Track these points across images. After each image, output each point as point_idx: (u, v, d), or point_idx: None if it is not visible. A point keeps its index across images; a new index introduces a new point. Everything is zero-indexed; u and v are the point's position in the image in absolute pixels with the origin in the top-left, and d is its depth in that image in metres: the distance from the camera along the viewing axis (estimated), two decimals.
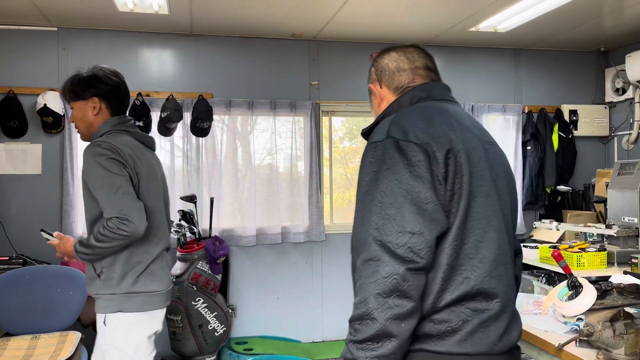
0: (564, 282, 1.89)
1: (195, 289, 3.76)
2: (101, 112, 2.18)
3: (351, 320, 1.15)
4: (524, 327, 2.20)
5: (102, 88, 2.18)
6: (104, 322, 2.10)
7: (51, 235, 2.22)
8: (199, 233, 4.08)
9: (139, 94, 4.20)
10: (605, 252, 2.69)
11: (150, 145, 2.32)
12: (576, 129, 5.03)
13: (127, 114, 2.31)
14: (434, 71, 1.49)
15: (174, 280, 3.73)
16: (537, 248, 2.89)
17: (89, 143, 2.14)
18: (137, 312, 2.10)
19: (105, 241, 2.01)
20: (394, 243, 1.11)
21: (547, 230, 3.77)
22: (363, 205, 1.19)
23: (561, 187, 4.71)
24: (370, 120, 1.50)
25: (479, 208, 1.20)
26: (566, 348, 1.92)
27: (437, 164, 1.16)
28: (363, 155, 1.25)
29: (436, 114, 1.26)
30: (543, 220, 3.53)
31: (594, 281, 1.86)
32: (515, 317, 1.27)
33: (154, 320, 2.19)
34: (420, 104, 1.33)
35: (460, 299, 1.16)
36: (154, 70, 4.37)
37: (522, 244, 3.05)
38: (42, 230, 2.28)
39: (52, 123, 4.06)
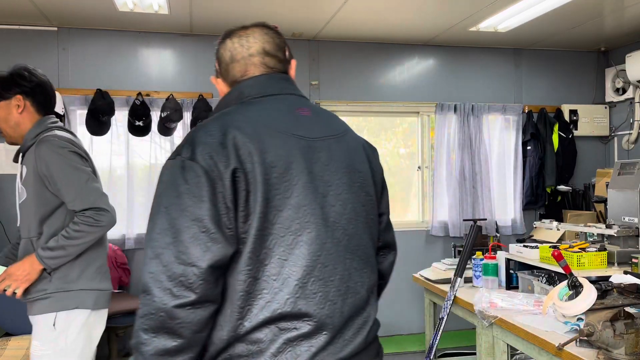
0: (564, 282, 1.89)
1: None
2: (26, 110, 2.09)
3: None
4: (524, 327, 2.21)
5: (26, 85, 2.09)
6: (54, 325, 1.95)
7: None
8: None
9: (139, 94, 4.20)
10: (606, 252, 2.69)
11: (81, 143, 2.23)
12: (576, 129, 5.03)
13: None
14: (274, 56, 1.32)
15: None
16: (537, 248, 2.89)
17: (34, 142, 2.04)
18: (92, 309, 2.01)
19: (80, 237, 1.92)
20: (166, 275, 1.03)
21: (547, 230, 3.77)
22: (147, 230, 1.10)
23: (561, 187, 4.71)
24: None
25: (284, 223, 1.10)
26: (566, 348, 1.92)
27: (223, 186, 1.06)
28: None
29: (245, 121, 1.15)
30: (543, 220, 3.53)
31: (594, 281, 1.86)
32: (345, 333, 1.16)
33: (103, 321, 2.10)
34: (241, 107, 1.22)
35: (263, 324, 1.08)
36: (154, 70, 4.37)
37: (522, 244, 3.05)
38: None
39: None
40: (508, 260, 3.02)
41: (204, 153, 1.09)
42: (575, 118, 5.03)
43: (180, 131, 4.34)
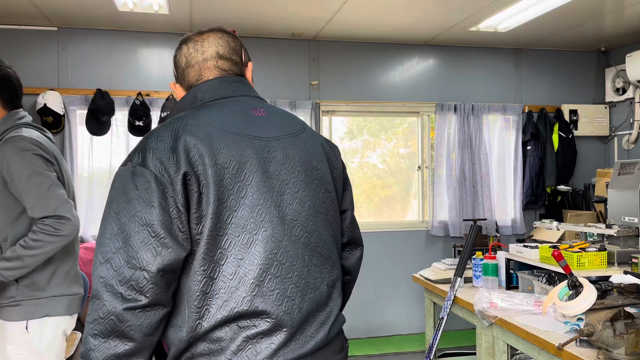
0: (564, 282, 1.89)
1: None
2: None
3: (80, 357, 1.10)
4: (524, 327, 2.21)
5: None
6: (26, 328, 1.88)
7: None
8: None
9: (139, 94, 4.20)
10: (606, 252, 2.69)
11: (53, 142, 2.09)
12: (576, 129, 5.03)
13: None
14: (228, 59, 1.33)
15: None
16: (537, 248, 2.89)
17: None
18: (65, 315, 1.95)
19: (38, 247, 1.80)
20: (116, 280, 1.04)
21: (547, 230, 3.78)
22: (97, 236, 1.12)
23: (561, 187, 4.71)
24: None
25: (238, 223, 1.11)
26: (566, 348, 1.92)
27: (174, 191, 1.08)
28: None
29: (197, 124, 1.16)
30: (543, 220, 3.53)
31: (594, 281, 1.86)
32: (307, 329, 1.18)
33: (73, 322, 2.05)
34: (194, 111, 1.23)
35: (222, 323, 1.10)
36: (154, 70, 4.37)
37: (522, 244, 3.05)
38: None
39: (52, 123, 4.06)
40: (508, 260, 3.02)
41: (154, 159, 1.10)
42: (575, 118, 5.04)
43: None
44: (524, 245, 3.00)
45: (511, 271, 3.02)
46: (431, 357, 3.10)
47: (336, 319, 1.27)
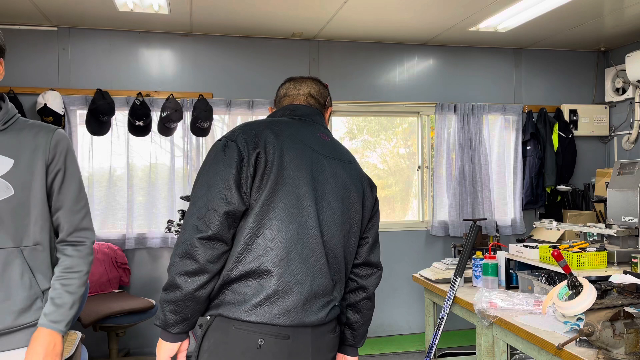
0: (564, 282, 1.89)
1: None
2: None
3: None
4: (523, 327, 2.21)
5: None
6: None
7: None
8: None
9: (139, 94, 4.20)
10: (605, 252, 2.69)
11: None
12: (576, 129, 5.04)
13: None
14: (315, 98, 1.76)
15: None
16: (537, 248, 2.89)
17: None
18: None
19: (85, 274, 1.62)
20: (195, 216, 1.42)
21: (547, 230, 3.78)
22: (193, 184, 1.51)
23: (561, 187, 4.71)
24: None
25: (287, 202, 1.46)
26: (566, 348, 1.92)
27: (248, 162, 1.45)
28: None
29: (279, 127, 1.55)
30: (543, 220, 3.52)
31: (594, 281, 1.86)
32: (313, 304, 1.47)
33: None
34: (282, 119, 1.63)
35: (251, 273, 1.42)
36: (154, 70, 4.37)
37: (522, 244, 3.05)
38: None
39: (52, 123, 4.06)
40: (508, 260, 3.03)
41: (242, 138, 1.49)
42: (575, 118, 5.04)
43: (180, 131, 4.34)
44: (524, 245, 3.01)
45: (511, 271, 3.02)
46: (431, 357, 3.10)
47: (334, 307, 1.55)
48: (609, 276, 2.14)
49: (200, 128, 4.28)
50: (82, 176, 1.67)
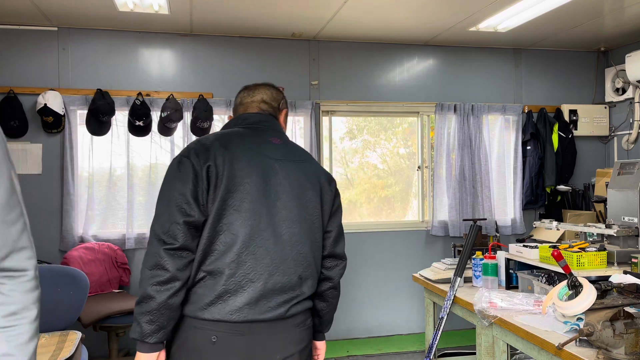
0: (564, 282, 1.90)
1: None
2: None
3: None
4: (523, 327, 2.21)
5: None
6: None
7: None
8: None
9: (139, 94, 4.20)
10: (605, 252, 2.69)
11: None
12: (576, 129, 5.04)
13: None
14: (268, 104, 1.87)
15: None
16: (537, 248, 2.89)
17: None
18: None
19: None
20: (160, 230, 1.53)
21: (547, 230, 3.78)
22: (157, 200, 1.62)
23: (561, 187, 4.71)
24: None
25: (238, 209, 1.58)
26: (566, 348, 1.92)
27: (201, 176, 1.56)
28: None
29: (229, 138, 1.67)
30: (543, 220, 3.53)
31: (593, 281, 1.87)
32: (271, 300, 1.58)
33: None
34: (233, 129, 1.75)
35: (207, 276, 1.56)
36: (154, 70, 4.38)
37: (522, 244, 3.05)
38: None
39: (52, 123, 4.06)
40: (508, 260, 3.03)
41: (193, 154, 1.61)
42: (575, 118, 5.04)
43: (180, 131, 4.34)
44: (524, 245, 3.01)
45: (511, 271, 3.02)
46: (431, 357, 3.10)
47: (300, 302, 1.65)
48: (609, 276, 2.14)
49: (200, 128, 4.28)
50: (11, 178, 1.07)
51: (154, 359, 1.53)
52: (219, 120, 4.47)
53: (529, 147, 4.93)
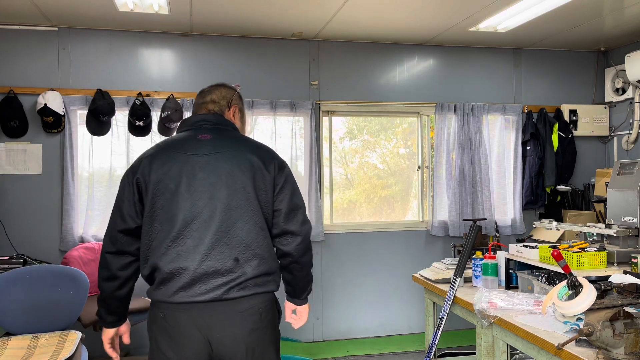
0: (564, 282, 1.90)
1: None
2: None
3: None
4: (523, 327, 2.21)
5: None
6: None
7: None
8: None
9: (139, 94, 4.20)
10: (605, 252, 2.69)
11: None
12: (576, 129, 5.04)
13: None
14: (217, 103, 2.03)
15: None
16: (537, 248, 2.89)
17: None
18: None
19: None
20: (107, 236, 1.88)
21: (547, 230, 3.77)
22: None
23: (561, 187, 4.71)
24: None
25: (165, 209, 1.80)
26: (566, 348, 1.92)
27: (133, 188, 1.84)
28: None
29: (158, 146, 1.91)
30: (543, 220, 3.53)
31: (593, 281, 1.87)
32: (205, 284, 1.77)
33: None
34: (170, 137, 1.96)
35: (153, 270, 1.82)
36: (154, 70, 4.38)
37: (522, 244, 3.05)
38: None
39: (52, 123, 4.06)
40: (508, 260, 3.03)
41: (129, 169, 1.89)
42: (575, 118, 5.04)
43: None
44: (524, 245, 3.01)
45: (511, 271, 3.02)
46: (431, 357, 3.10)
47: (239, 285, 1.80)
48: (609, 276, 2.14)
49: None
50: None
51: (112, 333, 1.96)
52: None
53: (528, 147, 4.93)
